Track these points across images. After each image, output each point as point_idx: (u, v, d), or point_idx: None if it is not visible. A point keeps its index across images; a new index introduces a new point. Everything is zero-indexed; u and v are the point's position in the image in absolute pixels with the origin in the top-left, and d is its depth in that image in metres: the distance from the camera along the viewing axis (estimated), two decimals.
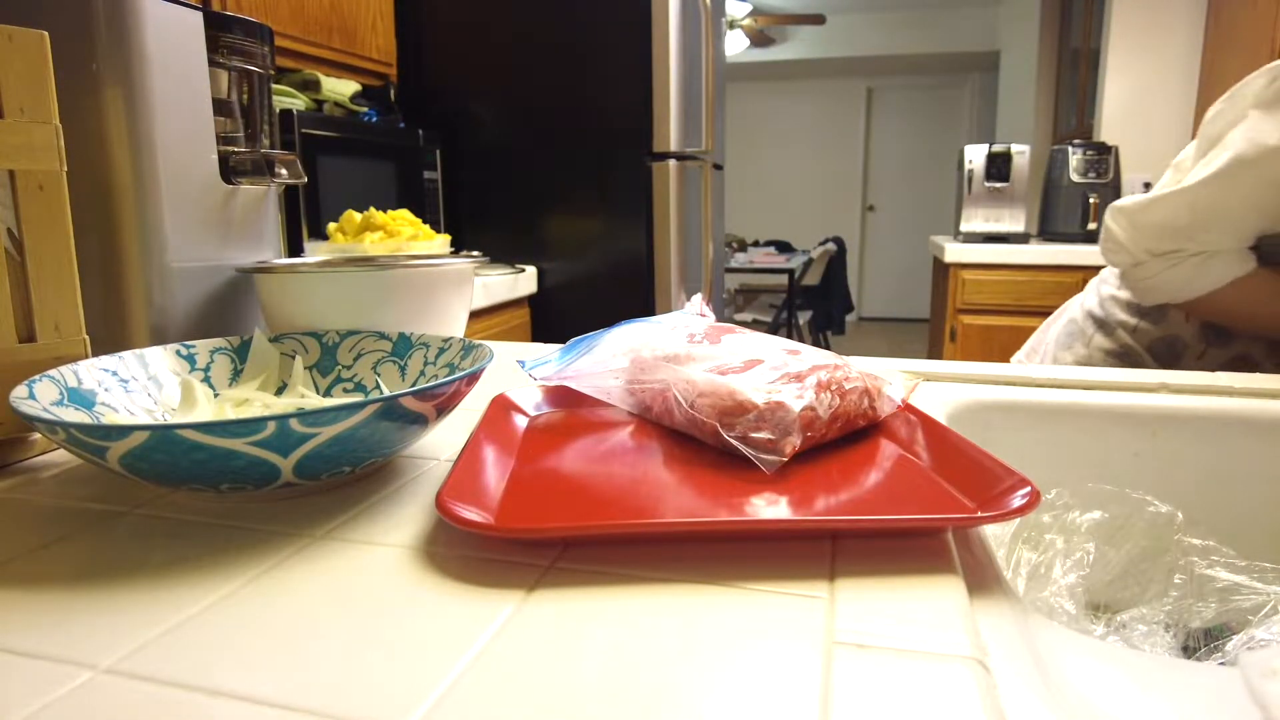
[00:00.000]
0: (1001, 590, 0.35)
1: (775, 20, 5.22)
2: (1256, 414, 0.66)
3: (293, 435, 0.36)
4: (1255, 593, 0.56)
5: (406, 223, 0.79)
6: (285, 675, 0.27)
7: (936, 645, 0.28)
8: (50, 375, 0.45)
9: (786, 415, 0.44)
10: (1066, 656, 0.33)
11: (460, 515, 0.35)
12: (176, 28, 0.62)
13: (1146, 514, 0.61)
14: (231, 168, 0.68)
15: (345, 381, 0.58)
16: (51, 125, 0.49)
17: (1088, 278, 2.60)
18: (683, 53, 1.94)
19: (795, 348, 0.54)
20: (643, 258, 2.00)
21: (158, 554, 0.36)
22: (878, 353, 5.97)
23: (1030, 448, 0.69)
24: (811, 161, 7.16)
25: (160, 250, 0.62)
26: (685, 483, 0.42)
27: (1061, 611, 0.54)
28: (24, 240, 0.48)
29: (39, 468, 0.49)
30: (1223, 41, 2.79)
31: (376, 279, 0.62)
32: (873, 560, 0.35)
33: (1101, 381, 0.71)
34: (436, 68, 2.10)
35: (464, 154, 2.10)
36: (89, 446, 0.36)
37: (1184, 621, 0.57)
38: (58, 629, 0.30)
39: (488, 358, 0.48)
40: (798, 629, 0.29)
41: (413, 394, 0.39)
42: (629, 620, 0.30)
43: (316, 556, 0.36)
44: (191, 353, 0.55)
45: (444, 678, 0.27)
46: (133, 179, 0.60)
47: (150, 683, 0.27)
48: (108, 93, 0.59)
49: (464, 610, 0.31)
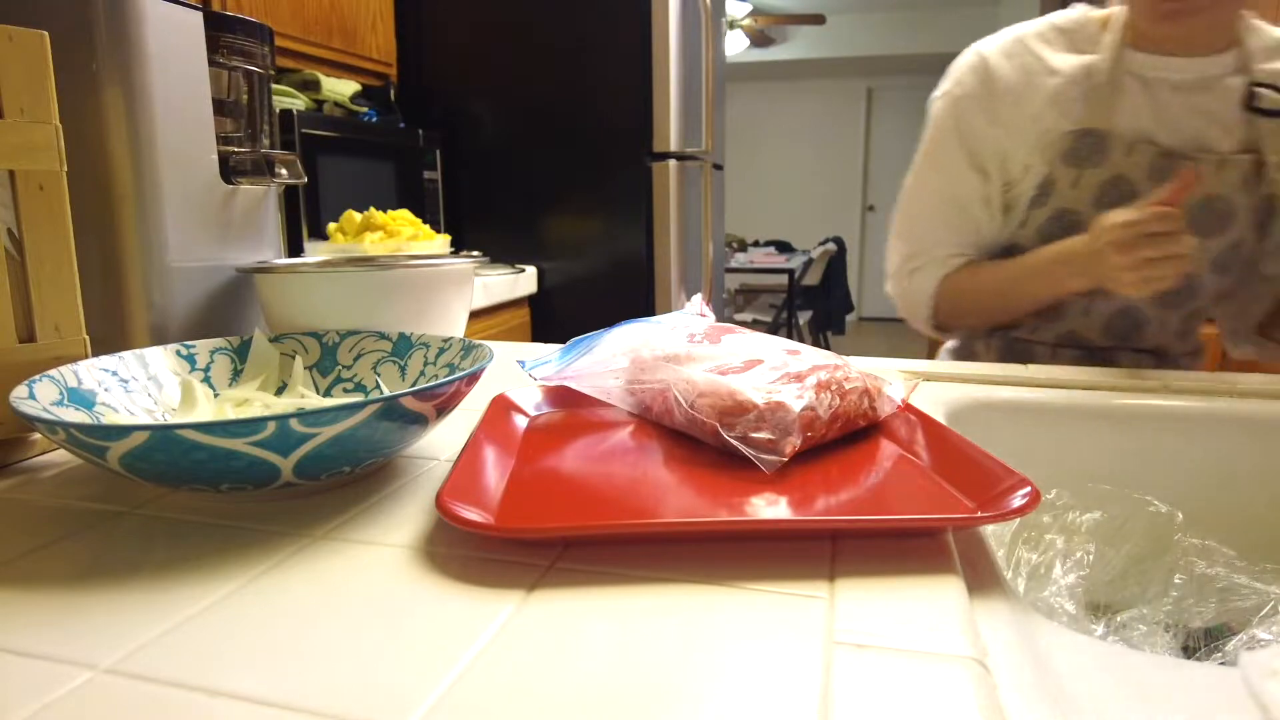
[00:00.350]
0: (1001, 590, 0.35)
1: (775, 20, 5.22)
2: (1257, 414, 0.66)
3: (293, 435, 0.36)
4: (1255, 593, 0.56)
5: (406, 223, 0.79)
6: (285, 675, 0.27)
7: (936, 645, 0.28)
8: (50, 375, 0.45)
9: (786, 415, 0.44)
10: (1066, 657, 0.33)
11: (460, 515, 0.35)
12: (176, 28, 0.62)
13: (1146, 514, 0.61)
14: (231, 168, 0.68)
15: (345, 381, 0.58)
16: (51, 125, 0.49)
17: None
18: (683, 53, 1.94)
19: (795, 348, 0.54)
20: (643, 258, 2.00)
21: (158, 554, 0.36)
22: (877, 353, 5.97)
23: (1030, 448, 0.69)
24: (811, 161, 7.16)
25: (160, 250, 0.62)
26: (685, 483, 0.42)
27: (1061, 612, 0.54)
28: (24, 240, 0.48)
29: (39, 468, 0.49)
30: None
31: (376, 279, 0.62)
32: (873, 560, 0.35)
33: (1102, 381, 0.71)
34: (436, 68, 2.10)
35: (464, 154, 2.10)
36: (89, 446, 0.36)
37: (1184, 622, 0.57)
38: (58, 629, 0.30)
39: (488, 358, 0.48)
40: (798, 629, 0.29)
41: (413, 394, 0.39)
42: (629, 620, 0.30)
43: (316, 556, 0.36)
44: (191, 353, 0.55)
45: (444, 678, 0.27)
46: (133, 179, 0.60)
47: (150, 683, 0.27)
48: (108, 93, 0.59)
49: (464, 610, 0.31)
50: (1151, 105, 0.82)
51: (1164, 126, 0.81)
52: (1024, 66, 0.85)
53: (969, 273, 0.91)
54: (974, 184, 0.89)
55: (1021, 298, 0.87)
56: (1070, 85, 0.83)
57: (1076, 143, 0.82)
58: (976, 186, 0.89)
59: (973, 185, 0.89)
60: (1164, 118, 0.81)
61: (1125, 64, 0.82)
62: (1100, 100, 0.82)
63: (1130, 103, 0.82)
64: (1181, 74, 0.81)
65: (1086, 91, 0.82)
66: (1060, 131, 0.83)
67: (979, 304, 0.92)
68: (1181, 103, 0.81)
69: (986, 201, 0.89)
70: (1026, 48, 0.86)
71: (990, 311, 0.92)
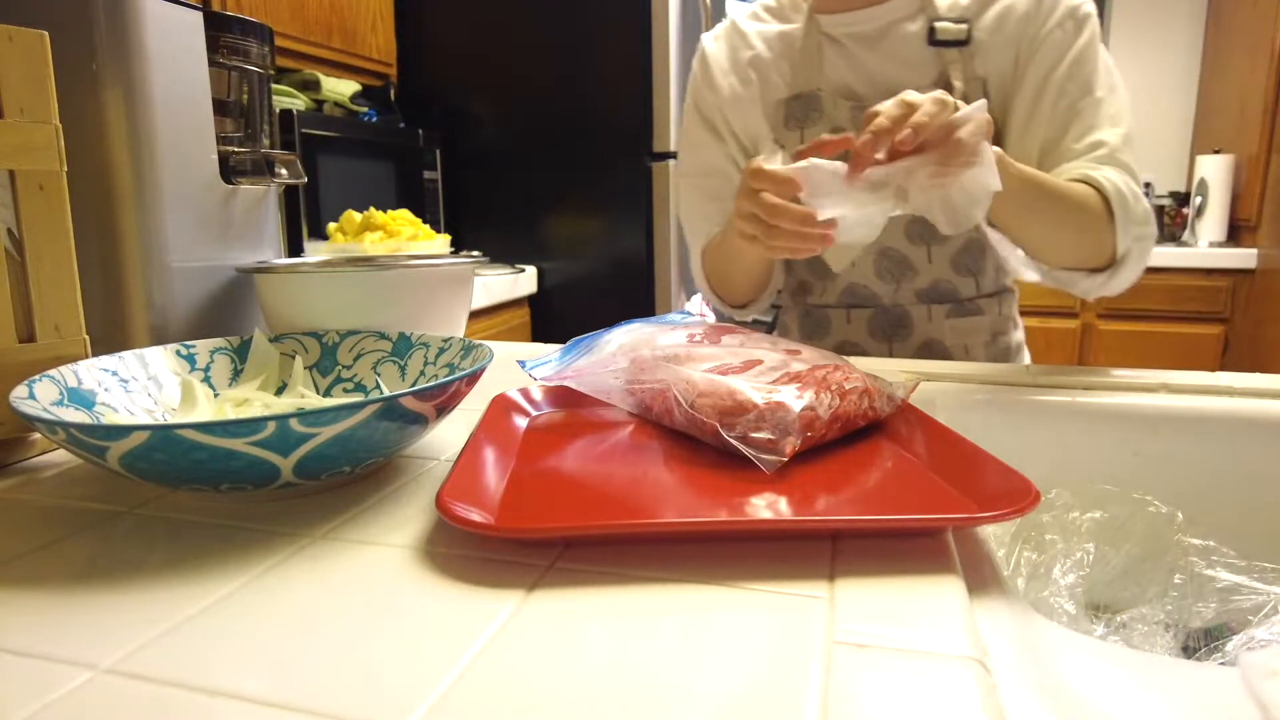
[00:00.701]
0: (1001, 590, 0.35)
1: None
2: (1257, 414, 0.66)
3: (293, 435, 0.36)
4: (1255, 593, 0.56)
5: (406, 223, 0.79)
6: (285, 675, 0.27)
7: (936, 645, 0.28)
8: (50, 375, 0.45)
9: (786, 415, 0.44)
10: (1066, 657, 0.33)
11: (460, 515, 0.35)
12: (176, 27, 0.62)
13: (1147, 514, 0.61)
14: (231, 168, 0.68)
15: (345, 381, 0.58)
16: (51, 125, 0.49)
17: None
18: (683, 53, 1.94)
19: (795, 348, 0.54)
20: (643, 258, 2.00)
21: (157, 554, 0.36)
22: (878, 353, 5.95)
23: (1030, 448, 0.69)
24: None
25: (160, 250, 0.62)
26: (685, 483, 0.42)
27: (1061, 612, 0.54)
28: (24, 240, 0.48)
29: (39, 468, 0.49)
30: (1223, 41, 2.79)
31: (376, 279, 0.62)
32: (873, 560, 0.35)
33: (1102, 381, 0.71)
34: (436, 68, 2.10)
35: (464, 154, 2.10)
36: (89, 446, 0.36)
37: (1184, 622, 0.57)
38: (58, 629, 0.30)
39: (487, 358, 0.48)
40: (798, 629, 0.29)
41: (413, 394, 0.39)
42: (629, 620, 0.30)
43: (316, 556, 0.36)
44: (191, 353, 0.55)
45: (444, 677, 0.27)
46: (133, 179, 0.60)
47: (150, 683, 0.27)
48: (108, 93, 0.59)
49: (464, 610, 0.31)
50: (847, 61, 0.87)
51: (861, 78, 0.87)
52: (733, 45, 0.93)
53: (717, 238, 0.94)
54: (717, 149, 0.94)
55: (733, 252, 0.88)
56: (777, 57, 0.91)
57: (790, 107, 0.89)
58: (720, 150, 0.94)
59: (716, 150, 0.95)
60: (860, 70, 0.87)
61: (819, 27, 0.88)
62: (805, 65, 0.89)
63: (829, 62, 0.88)
64: (866, 26, 0.86)
65: (792, 59, 0.90)
66: (776, 100, 0.90)
67: (725, 266, 0.93)
68: (872, 53, 0.86)
69: (735, 164, 0.94)
70: (736, 29, 0.94)
71: (731, 274, 0.93)
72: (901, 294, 0.91)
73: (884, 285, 0.91)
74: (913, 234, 0.88)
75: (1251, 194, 2.52)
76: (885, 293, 0.92)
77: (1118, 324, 2.64)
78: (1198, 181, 2.69)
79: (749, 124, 0.92)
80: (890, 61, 0.86)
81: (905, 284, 0.91)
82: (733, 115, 0.92)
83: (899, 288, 0.91)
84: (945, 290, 0.91)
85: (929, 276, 0.90)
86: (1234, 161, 2.62)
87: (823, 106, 0.87)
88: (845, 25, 0.87)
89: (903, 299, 0.92)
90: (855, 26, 0.86)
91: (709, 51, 0.95)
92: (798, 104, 0.88)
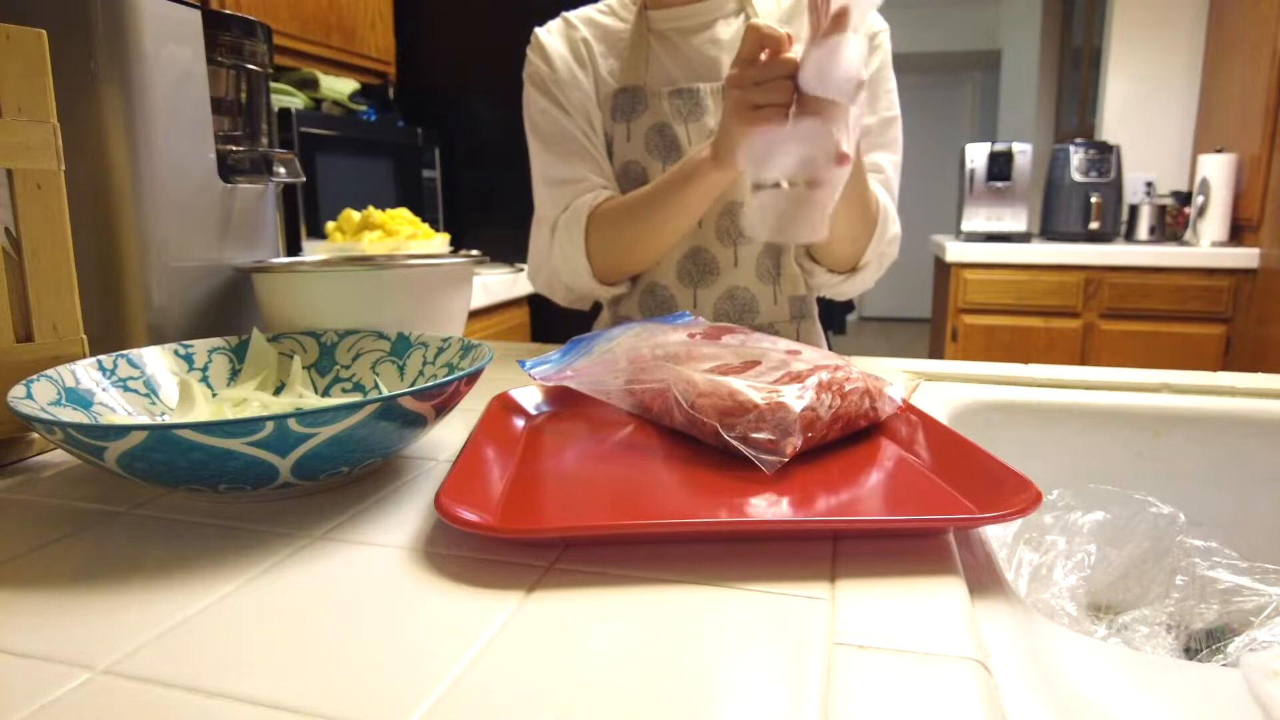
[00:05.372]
0: (1003, 591, 0.35)
1: None
2: (1259, 414, 0.66)
3: (291, 435, 0.36)
4: (1257, 594, 0.56)
5: (405, 222, 0.79)
6: (284, 675, 0.27)
7: (937, 646, 0.28)
8: (48, 375, 0.45)
9: (787, 415, 0.43)
10: (1068, 658, 0.33)
11: (460, 516, 0.35)
12: (175, 27, 0.62)
13: (1148, 515, 0.61)
14: (230, 166, 0.68)
15: (344, 381, 0.58)
16: (49, 124, 0.48)
17: (1090, 277, 2.62)
18: None
19: (795, 348, 0.53)
20: None
21: (156, 554, 0.36)
22: (878, 353, 5.97)
23: (1031, 448, 0.69)
24: None
25: (158, 250, 0.61)
26: (685, 483, 0.42)
27: (1063, 613, 0.54)
28: (22, 240, 0.48)
29: (37, 468, 0.49)
30: (1224, 41, 2.79)
31: (375, 279, 0.62)
32: (874, 561, 0.34)
33: (1103, 381, 0.71)
34: (435, 66, 2.10)
35: (463, 153, 2.10)
36: (87, 446, 0.36)
37: (1186, 623, 0.56)
38: (55, 629, 0.30)
39: (487, 357, 0.48)
40: (798, 629, 0.29)
41: (411, 394, 0.39)
42: (629, 621, 0.30)
43: (315, 557, 0.36)
44: (189, 352, 0.55)
45: (443, 678, 0.26)
46: (131, 178, 0.60)
47: (149, 683, 0.26)
48: (106, 92, 0.58)
49: (463, 610, 0.31)
50: (671, 54, 0.92)
51: (685, 69, 0.91)
52: (569, 39, 0.96)
53: (616, 200, 0.94)
54: (566, 120, 0.96)
55: (668, 205, 0.87)
56: (607, 50, 0.95)
57: (618, 100, 0.93)
58: (569, 121, 0.96)
59: (566, 121, 0.96)
60: (684, 62, 0.91)
61: (647, 24, 0.93)
62: (633, 60, 0.93)
63: (655, 58, 0.93)
64: (690, 21, 0.91)
65: (620, 55, 0.94)
66: (606, 93, 0.94)
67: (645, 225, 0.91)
68: (695, 44, 0.91)
69: (586, 133, 0.95)
70: (569, 24, 0.98)
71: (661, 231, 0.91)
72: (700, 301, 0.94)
73: (685, 284, 0.94)
74: (722, 232, 0.92)
75: (1253, 193, 2.51)
76: (685, 299, 0.94)
77: (1119, 324, 2.64)
78: (1199, 181, 2.69)
79: (587, 106, 0.95)
80: (712, 47, 0.90)
81: (705, 280, 0.93)
82: (572, 94, 0.95)
83: (697, 285, 0.94)
84: (742, 300, 0.93)
85: (727, 282, 0.92)
86: (1236, 160, 2.62)
87: (647, 100, 0.91)
88: (672, 20, 0.92)
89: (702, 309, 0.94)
90: (680, 21, 0.92)
91: (545, 41, 0.97)
92: (624, 97, 0.92)
